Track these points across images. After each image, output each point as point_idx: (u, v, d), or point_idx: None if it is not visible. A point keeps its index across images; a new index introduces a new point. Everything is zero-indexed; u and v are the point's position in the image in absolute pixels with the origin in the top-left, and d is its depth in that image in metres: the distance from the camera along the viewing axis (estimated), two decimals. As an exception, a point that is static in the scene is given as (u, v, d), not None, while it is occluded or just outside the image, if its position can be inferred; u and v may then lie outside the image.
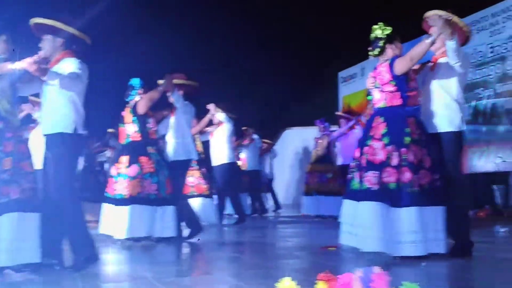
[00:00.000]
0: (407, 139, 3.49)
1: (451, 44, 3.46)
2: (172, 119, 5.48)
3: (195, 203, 6.60)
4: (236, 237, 5.73)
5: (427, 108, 3.74)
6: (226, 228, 6.74)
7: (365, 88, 11.79)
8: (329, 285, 2.04)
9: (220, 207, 7.24)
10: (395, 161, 3.46)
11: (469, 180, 8.19)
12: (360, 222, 3.48)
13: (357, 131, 7.25)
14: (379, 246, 3.36)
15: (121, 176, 4.88)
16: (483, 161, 8.29)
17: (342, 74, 12.87)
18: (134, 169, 4.83)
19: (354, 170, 3.70)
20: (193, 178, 6.91)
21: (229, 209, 8.04)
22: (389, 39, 3.73)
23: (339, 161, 7.75)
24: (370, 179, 3.49)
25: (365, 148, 3.62)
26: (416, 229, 3.34)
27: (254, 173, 9.33)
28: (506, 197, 8.00)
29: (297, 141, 13.08)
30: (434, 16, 3.44)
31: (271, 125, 13.36)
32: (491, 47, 8.39)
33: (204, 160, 6.96)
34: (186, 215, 5.18)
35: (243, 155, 9.42)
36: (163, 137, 5.63)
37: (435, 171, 3.53)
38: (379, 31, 3.75)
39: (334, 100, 13.21)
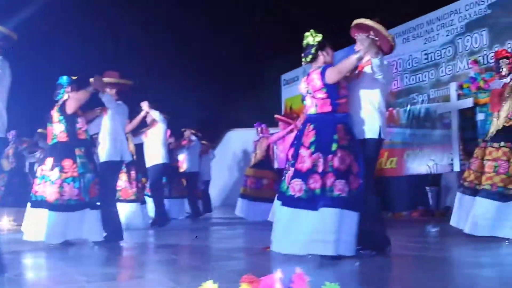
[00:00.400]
0: (335, 146, 3.57)
1: (376, 61, 3.64)
2: (104, 119, 5.30)
3: (121, 209, 6.29)
4: (173, 240, 5.64)
5: (352, 115, 3.83)
6: (153, 231, 6.57)
7: (306, 91, 12.04)
8: (251, 286, 2.05)
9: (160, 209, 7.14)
10: (320, 168, 3.55)
11: (404, 182, 8.51)
12: (287, 227, 3.62)
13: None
14: (303, 249, 3.51)
15: (44, 178, 4.76)
16: (416, 164, 8.60)
17: (285, 76, 13.01)
18: (55, 174, 4.70)
19: (285, 173, 3.81)
20: (121, 182, 6.54)
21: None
22: (320, 46, 3.81)
23: (276, 165, 7.81)
24: (294, 186, 3.61)
25: (296, 155, 3.72)
26: (331, 229, 3.42)
27: (192, 175, 9.23)
28: (438, 198, 8.33)
29: (240, 143, 13.13)
30: (362, 36, 3.62)
31: (213, 127, 13.30)
32: (426, 54, 8.74)
33: (134, 162, 6.71)
34: (109, 220, 4.97)
35: (181, 156, 9.30)
36: (93, 137, 5.46)
37: (361, 177, 3.61)
38: (311, 38, 3.82)
39: (277, 103, 13.33)
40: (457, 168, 7.68)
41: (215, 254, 4.47)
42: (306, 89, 3.84)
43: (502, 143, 4.60)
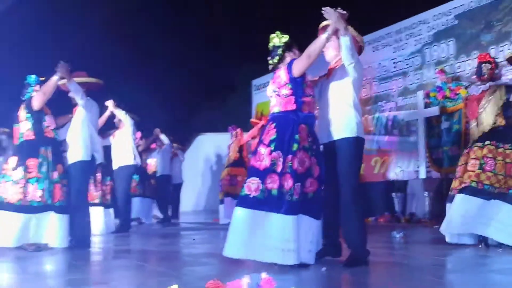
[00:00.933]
0: (295, 146, 3.44)
1: (345, 41, 3.45)
2: (74, 118, 5.11)
3: None
4: (141, 245, 5.58)
5: (324, 118, 3.72)
6: (114, 236, 6.46)
7: (277, 96, 12.08)
8: None
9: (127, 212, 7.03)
10: (279, 167, 3.41)
11: (371, 188, 8.62)
12: (241, 230, 3.43)
13: None
14: (260, 255, 3.35)
15: (5, 177, 4.59)
16: (384, 170, 8.74)
17: (255, 82, 13.04)
18: (18, 173, 4.55)
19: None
20: None
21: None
22: (287, 47, 3.71)
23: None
24: (250, 185, 3.45)
25: (254, 153, 3.60)
26: (290, 237, 3.30)
27: (163, 179, 9.16)
28: (404, 204, 8.49)
29: (210, 147, 13.10)
30: (329, 10, 3.44)
31: (183, 130, 13.24)
32: (394, 63, 8.89)
33: (100, 164, 6.51)
34: (77, 226, 4.78)
35: (153, 160, 9.23)
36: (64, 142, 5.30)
37: (322, 182, 3.53)
38: (277, 39, 3.73)
39: (248, 108, 13.36)
40: (423, 175, 7.83)
41: (183, 259, 4.43)
42: (272, 90, 3.71)
43: (487, 142, 4.58)
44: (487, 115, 4.68)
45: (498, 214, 4.36)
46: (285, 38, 3.73)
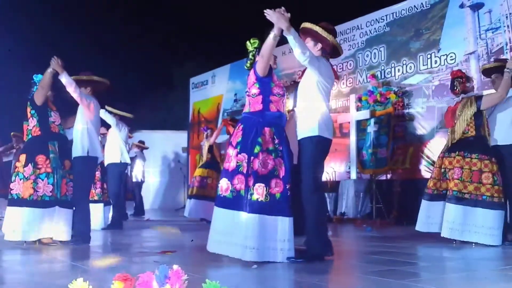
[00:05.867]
0: (257, 149, 3.58)
1: (290, 39, 3.56)
2: (78, 113, 5.16)
3: None
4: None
5: (297, 117, 3.91)
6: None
7: (215, 95, 12.10)
8: (125, 285, 2.06)
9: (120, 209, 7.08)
10: (244, 168, 3.58)
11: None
12: (216, 227, 3.67)
13: None
14: (231, 251, 3.56)
15: (18, 175, 4.70)
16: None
17: (193, 80, 12.97)
18: (28, 170, 4.66)
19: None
20: None
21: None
22: (258, 51, 3.89)
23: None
24: (222, 185, 3.64)
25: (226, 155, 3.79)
26: (250, 235, 3.46)
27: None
28: (336, 204, 8.73)
29: (148, 144, 12.85)
30: (270, 11, 3.54)
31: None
32: (329, 66, 9.11)
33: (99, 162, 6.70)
34: (79, 221, 4.89)
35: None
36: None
37: (287, 182, 3.62)
38: (249, 44, 3.97)
39: (185, 106, 13.27)
40: (353, 176, 8.09)
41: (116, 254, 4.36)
42: (246, 91, 3.90)
43: (456, 153, 4.91)
44: (460, 125, 4.99)
45: (473, 219, 4.69)
46: (256, 43, 3.95)
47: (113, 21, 13.08)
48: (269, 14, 3.53)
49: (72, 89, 4.90)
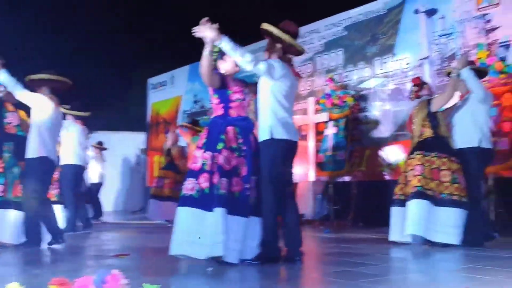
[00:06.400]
0: (220, 145, 3.61)
1: (224, 45, 3.56)
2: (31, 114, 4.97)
3: None
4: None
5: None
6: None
7: (174, 96, 11.98)
8: None
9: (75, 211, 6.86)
10: (209, 166, 3.57)
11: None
12: (185, 228, 3.56)
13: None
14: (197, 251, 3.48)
15: None
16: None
17: (152, 80, 12.82)
18: None
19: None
20: None
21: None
22: (221, 56, 3.86)
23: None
24: (187, 185, 3.59)
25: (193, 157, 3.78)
26: (219, 230, 3.43)
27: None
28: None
29: (106, 146, 12.59)
30: (196, 29, 3.53)
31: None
32: (288, 69, 9.17)
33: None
34: (31, 224, 4.73)
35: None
36: None
37: (248, 181, 3.63)
38: (213, 48, 3.90)
39: (143, 107, 13.09)
40: (312, 178, 8.17)
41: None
42: None
43: (416, 153, 4.95)
44: (416, 128, 5.12)
45: (436, 217, 4.72)
46: (217, 48, 3.88)
47: (70, 19, 12.77)
48: (197, 31, 3.54)
49: (10, 86, 4.72)
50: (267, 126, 3.71)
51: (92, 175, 9.94)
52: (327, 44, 8.62)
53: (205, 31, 3.50)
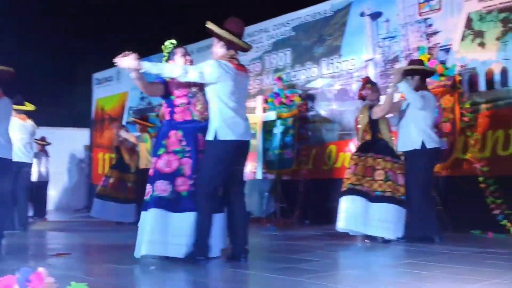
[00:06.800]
0: (161, 150, 3.79)
1: (148, 70, 3.66)
2: None
3: None
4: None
5: None
6: None
7: (120, 92, 11.74)
8: None
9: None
10: (152, 172, 3.81)
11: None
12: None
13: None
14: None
15: None
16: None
17: (97, 75, 12.50)
18: None
19: None
20: None
21: None
22: (169, 57, 4.04)
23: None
24: (148, 189, 3.80)
25: None
26: (156, 229, 3.61)
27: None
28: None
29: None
30: (116, 61, 3.68)
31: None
32: (237, 67, 9.17)
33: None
34: None
35: None
36: None
37: (192, 179, 3.75)
38: (164, 47, 4.11)
39: (88, 102, 12.74)
40: (259, 176, 8.21)
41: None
42: None
43: (355, 154, 5.27)
44: (360, 132, 5.36)
45: (371, 213, 4.95)
46: (168, 49, 4.13)
47: (15, 11, 12.26)
48: (118, 62, 3.67)
49: None
50: (212, 127, 3.73)
51: (36, 173, 9.55)
52: (276, 43, 8.68)
53: (125, 62, 3.64)
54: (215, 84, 3.71)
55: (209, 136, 3.74)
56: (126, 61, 3.62)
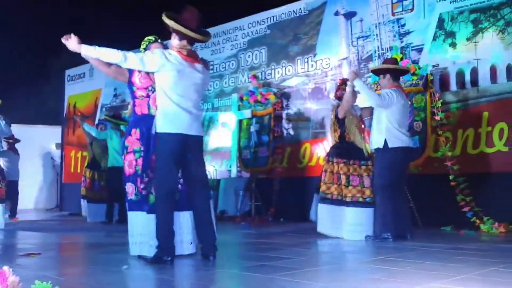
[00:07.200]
0: (125, 150, 3.87)
1: (87, 54, 3.58)
2: None
3: None
4: None
5: None
6: None
7: (93, 89, 11.57)
8: None
9: None
10: (127, 172, 3.85)
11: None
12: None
13: None
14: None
15: None
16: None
17: (69, 72, 12.29)
18: None
19: None
20: None
21: None
22: (148, 47, 3.96)
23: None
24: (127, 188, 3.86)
25: None
26: (133, 231, 3.79)
27: None
28: (216, 202, 8.76)
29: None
30: (64, 42, 3.57)
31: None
32: (212, 65, 9.14)
33: None
34: None
35: None
36: None
37: (146, 176, 3.82)
38: (143, 43, 4.04)
39: (60, 99, 12.52)
40: (234, 174, 8.20)
41: None
42: None
43: (326, 158, 5.41)
44: (330, 133, 5.51)
45: (343, 218, 5.10)
46: (145, 43, 4.04)
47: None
48: (67, 45, 3.56)
49: None
50: (155, 120, 3.59)
51: (10, 172, 9.29)
52: (251, 41, 8.68)
53: (69, 44, 3.54)
54: (158, 73, 3.56)
55: (153, 130, 3.62)
56: (70, 43, 3.53)
